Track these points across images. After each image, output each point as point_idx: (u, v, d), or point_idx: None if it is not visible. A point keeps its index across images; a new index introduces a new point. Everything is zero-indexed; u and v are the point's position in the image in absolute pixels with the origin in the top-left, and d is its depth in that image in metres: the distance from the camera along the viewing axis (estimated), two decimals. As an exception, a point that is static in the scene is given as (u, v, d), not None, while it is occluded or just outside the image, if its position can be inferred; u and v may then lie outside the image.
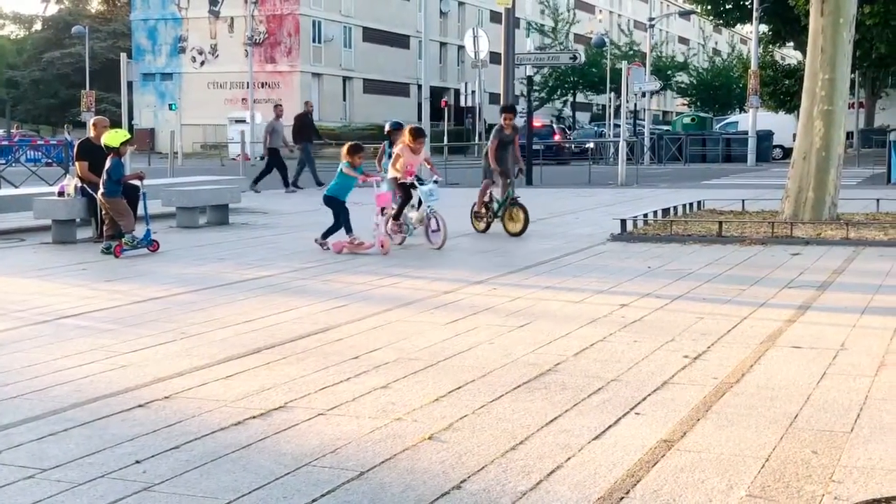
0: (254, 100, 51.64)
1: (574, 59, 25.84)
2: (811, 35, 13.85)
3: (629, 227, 12.87)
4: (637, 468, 4.02)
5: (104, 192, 11.58)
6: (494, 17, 64.61)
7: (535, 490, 3.80)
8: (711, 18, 55.76)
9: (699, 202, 16.24)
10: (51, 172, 24.70)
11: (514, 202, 12.88)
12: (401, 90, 67.06)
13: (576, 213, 16.40)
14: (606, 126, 51.29)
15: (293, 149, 24.31)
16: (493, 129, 13.52)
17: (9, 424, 4.72)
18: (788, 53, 67.67)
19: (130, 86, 31.65)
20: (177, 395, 5.21)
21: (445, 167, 27.16)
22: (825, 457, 4.12)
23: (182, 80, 62.23)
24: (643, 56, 55.24)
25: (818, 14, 13.64)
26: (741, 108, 66.31)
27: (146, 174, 12.39)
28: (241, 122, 48.83)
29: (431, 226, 11.70)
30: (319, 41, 61.64)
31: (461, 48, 60.34)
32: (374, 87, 64.77)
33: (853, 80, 40.80)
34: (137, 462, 4.16)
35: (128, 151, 11.99)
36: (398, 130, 13.96)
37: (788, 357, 5.93)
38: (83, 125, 37.99)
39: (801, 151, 13.75)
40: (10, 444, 4.41)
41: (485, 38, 26.10)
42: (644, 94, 45.67)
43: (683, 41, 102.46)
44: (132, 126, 46.09)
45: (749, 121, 40.67)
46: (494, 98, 22.69)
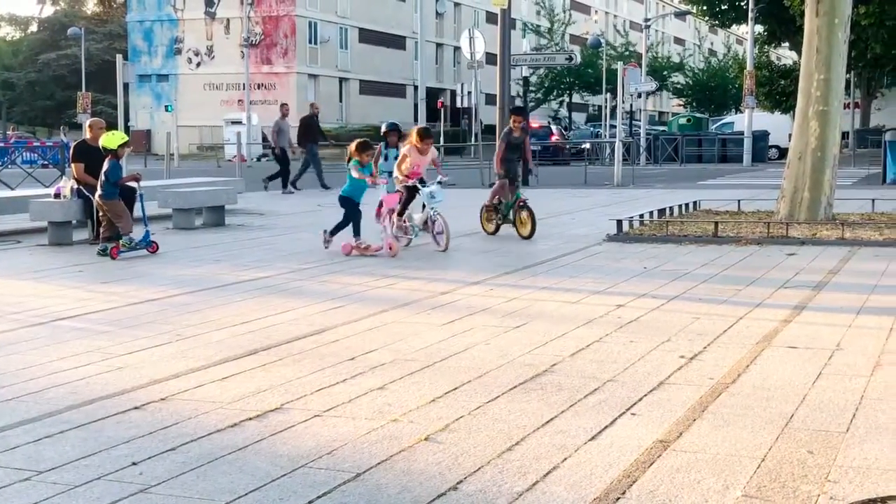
0: (250, 101, 51.65)
1: (570, 60, 25.88)
2: (806, 35, 13.87)
3: (625, 228, 12.89)
4: (633, 468, 4.02)
5: (101, 194, 11.57)
6: (490, 18, 64.64)
7: (532, 491, 3.80)
8: (707, 19, 55.89)
9: (695, 202, 16.25)
10: (47, 174, 24.69)
11: (522, 205, 12.69)
12: (397, 91, 67.07)
13: (572, 214, 16.41)
14: (602, 127, 51.34)
15: (295, 150, 24.22)
16: (503, 132, 13.38)
17: (5, 427, 4.71)
18: (784, 54, 67.68)
19: (126, 87, 31.64)
20: (173, 397, 5.21)
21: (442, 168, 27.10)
22: (821, 457, 4.13)
23: (178, 82, 62.18)
24: (639, 57, 55.26)
25: (813, 14, 13.67)
26: (737, 109, 66.38)
27: (143, 175, 12.37)
28: (238, 124, 48.80)
29: (436, 228, 11.52)
30: (315, 42, 61.64)
31: (457, 49, 60.45)
32: (371, 89, 64.77)
33: (848, 81, 40.86)
34: (134, 464, 4.16)
35: (125, 153, 11.97)
36: (394, 132, 13.95)
37: (784, 357, 5.94)
38: (79, 127, 37.97)
39: (797, 152, 13.77)
40: (7, 447, 4.41)
41: (481, 39, 26.03)
42: (640, 95, 45.66)
43: (679, 42, 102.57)
44: (128, 127, 46.07)
45: (745, 121, 40.73)
46: (491, 99, 22.70)
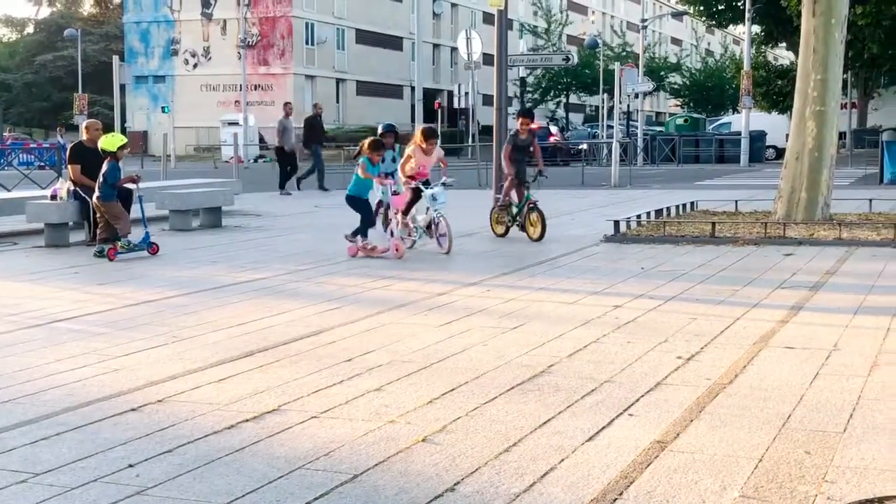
0: (247, 102, 51.64)
1: (567, 61, 25.87)
2: (803, 36, 13.88)
3: (622, 229, 12.89)
4: (630, 469, 4.02)
5: (99, 196, 11.57)
6: (487, 19, 64.71)
7: (529, 492, 3.80)
8: (704, 19, 55.91)
9: (692, 203, 16.26)
10: (43, 176, 24.69)
11: (532, 207, 12.45)
12: (394, 92, 67.07)
13: (569, 215, 16.40)
14: (600, 127, 51.38)
15: (297, 151, 24.11)
16: (509, 134, 13.18)
17: (1, 429, 4.70)
18: (781, 54, 67.79)
19: (123, 88, 31.60)
20: (170, 399, 5.20)
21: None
22: (818, 457, 4.13)
23: (175, 83, 62.18)
24: (636, 57, 55.28)
25: (810, 15, 13.68)
26: (734, 109, 66.45)
27: (142, 177, 12.35)
28: (234, 125, 48.75)
29: (439, 230, 11.34)
30: (312, 43, 61.64)
31: (454, 50, 60.41)
32: (368, 89, 64.76)
33: (845, 81, 40.96)
34: (130, 466, 4.15)
35: (124, 155, 11.95)
36: (391, 133, 13.92)
37: (781, 358, 5.94)
38: (76, 128, 37.92)
39: (794, 152, 13.78)
40: (3, 449, 4.40)
41: (478, 40, 26.05)
42: (637, 95, 45.72)
43: (676, 42, 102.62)
44: (125, 129, 45.98)
45: (742, 121, 40.78)
46: (488, 99, 22.74)
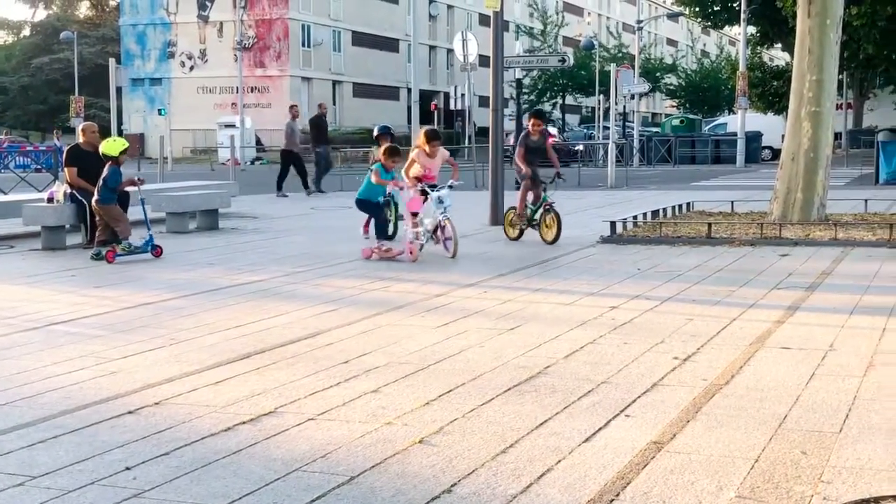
0: (243, 104, 51.63)
1: (563, 62, 25.87)
2: (798, 36, 13.90)
3: (619, 230, 12.90)
4: (627, 470, 4.03)
5: (98, 200, 11.58)
6: (483, 21, 64.78)
7: (526, 493, 3.80)
8: (699, 20, 55.95)
9: (688, 204, 16.28)
10: (40, 178, 24.68)
11: (549, 208, 12.25)
12: (390, 94, 67.08)
13: (566, 216, 16.37)
14: (596, 128, 51.39)
15: (301, 151, 24.07)
16: (520, 135, 13.04)
17: (-2, 432, 4.71)
18: (777, 55, 67.85)
19: (119, 91, 31.61)
20: (167, 402, 5.20)
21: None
22: (814, 457, 4.14)
23: (171, 85, 62.18)
24: (632, 58, 55.35)
25: (805, 15, 13.70)
26: (730, 110, 66.47)
27: (145, 179, 12.35)
28: (231, 127, 48.73)
29: (445, 233, 11.14)
30: (309, 45, 61.64)
31: (450, 51, 60.37)
32: (364, 91, 64.77)
33: (841, 81, 41.00)
34: (128, 469, 4.15)
35: (126, 160, 11.96)
36: (386, 135, 13.92)
37: (778, 358, 5.95)
38: (73, 131, 37.91)
39: (790, 152, 13.80)
40: (0, 452, 4.40)
41: (474, 42, 26.06)
42: (633, 97, 45.76)
43: (672, 43, 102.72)
44: (121, 131, 45.96)
45: (738, 122, 40.83)
46: (484, 101, 22.74)
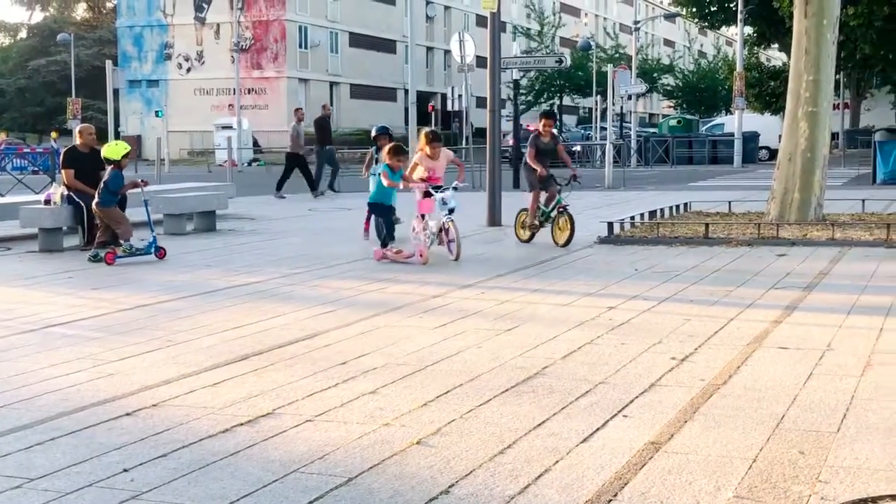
0: (240, 106, 51.60)
1: (560, 63, 25.84)
2: (795, 37, 13.92)
3: (616, 230, 12.90)
4: (625, 470, 4.03)
5: (98, 203, 11.63)
6: (480, 22, 64.68)
7: (524, 494, 3.80)
8: (696, 21, 56.00)
9: (686, 204, 16.29)
10: (37, 180, 24.65)
11: (563, 210, 12.05)
12: (388, 95, 67.06)
13: (563, 217, 16.39)
14: (593, 129, 51.41)
15: (306, 153, 24.06)
16: (530, 136, 12.81)
17: (-5, 434, 4.71)
18: (773, 55, 67.89)
19: (116, 93, 31.56)
20: (164, 403, 5.20)
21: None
22: (812, 457, 4.14)
23: (168, 87, 62.12)
24: (629, 59, 55.35)
25: (802, 16, 13.71)
26: (727, 110, 66.46)
27: (148, 182, 12.36)
28: (228, 129, 48.70)
29: (449, 235, 11.03)
30: (306, 47, 61.62)
31: (447, 52, 60.34)
32: (361, 93, 64.76)
33: (838, 81, 40.98)
34: (125, 470, 4.15)
35: (128, 164, 12.00)
36: (384, 135, 13.93)
37: (775, 358, 5.95)
38: (70, 133, 37.87)
39: (787, 153, 13.81)
40: (-3, 454, 4.40)
41: (471, 43, 26.07)
42: (630, 97, 45.71)
43: (669, 44, 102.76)
44: (118, 133, 45.93)
45: (735, 122, 40.84)
46: (481, 102, 22.73)
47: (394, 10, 67.58)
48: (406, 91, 60.97)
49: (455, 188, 11.15)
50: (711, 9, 49.99)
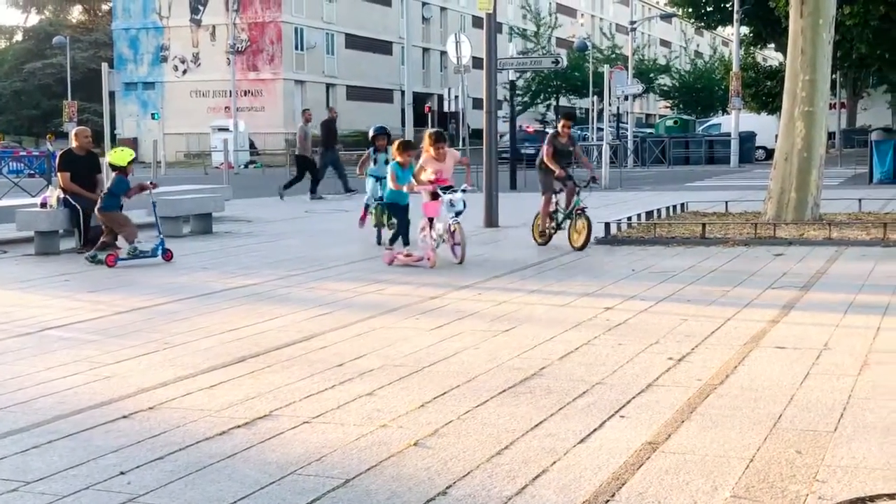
0: (236, 108, 51.58)
1: (556, 64, 25.84)
2: (791, 36, 13.93)
3: (613, 231, 12.91)
4: (622, 471, 4.03)
5: (100, 207, 11.69)
6: (476, 23, 64.74)
7: (521, 494, 3.80)
8: (693, 21, 56.03)
9: (682, 204, 16.30)
10: (33, 183, 24.60)
11: (581, 212, 11.78)
12: (384, 96, 67.06)
13: (560, 217, 16.39)
14: (590, 130, 51.42)
15: (312, 155, 24.06)
16: (548, 135, 12.63)
17: (-8, 437, 4.70)
18: (770, 55, 67.95)
19: (112, 95, 31.59)
20: (161, 406, 5.19)
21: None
22: (809, 456, 4.14)
23: (164, 89, 62.07)
24: (625, 59, 55.38)
25: (798, 15, 13.73)
26: (723, 110, 66.58)
27: (157, 184, 12.39)
28: (224, 131, 48.70)
29: (455, 238, 10.85)
30: (302, 48, 61.60)
31: (443, 54, 60.39)
32: (358, 94, 64.72)
33: (834, 81, 41.08)
34: (122, 473, 4.14)
35: (133, 170, 12.05)
36: (382, 136, 13.92)
37: (772, 357, 5.95)
38: (66, 135, 37.83)
39: (783, 152, 13.83)
40: (-6, 458, 4.40)
41: (467, 44, 26.05)
42: (627, 98, 45.78)
43: (665, 44, 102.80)
44: (115, 135, 45.93)
45: (731, 122, 40.89)
46: (478, 103, 22.79)
47: (390, 12, 67.60)
48: (402, 92, 61.04)
49: (464, 190, 10.98)
50: (707, 9, 49.99)
